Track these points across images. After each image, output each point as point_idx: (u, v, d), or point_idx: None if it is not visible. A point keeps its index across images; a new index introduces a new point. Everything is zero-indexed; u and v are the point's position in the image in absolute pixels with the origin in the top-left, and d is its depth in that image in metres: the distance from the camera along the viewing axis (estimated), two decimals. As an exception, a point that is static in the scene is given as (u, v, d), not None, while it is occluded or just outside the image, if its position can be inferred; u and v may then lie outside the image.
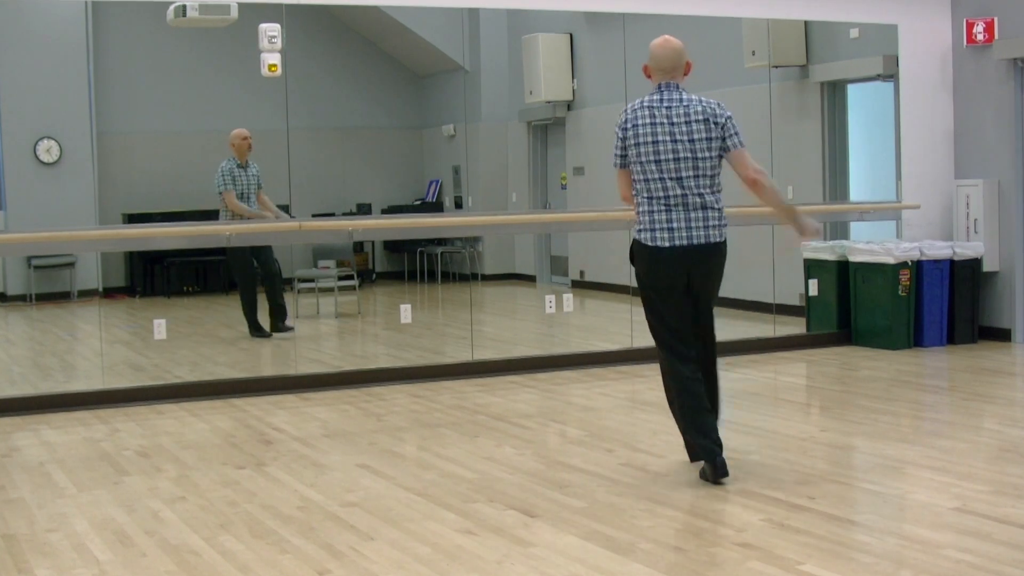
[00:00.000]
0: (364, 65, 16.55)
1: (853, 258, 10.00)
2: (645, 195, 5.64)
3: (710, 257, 5.66)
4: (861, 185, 11.27)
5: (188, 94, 15.13)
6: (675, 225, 5.58)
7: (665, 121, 5.59)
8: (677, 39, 5.77)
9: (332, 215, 14.52)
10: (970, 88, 10.11)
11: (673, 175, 5.57)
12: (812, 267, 10.39)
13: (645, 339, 5.82)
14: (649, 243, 5.63)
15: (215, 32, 11.55)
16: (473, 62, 15.59)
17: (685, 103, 5.61)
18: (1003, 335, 9.88)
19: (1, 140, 14.20)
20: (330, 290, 12.85)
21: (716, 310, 5.93)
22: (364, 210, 15.48)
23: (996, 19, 9.80)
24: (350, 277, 13.23)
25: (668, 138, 5.57)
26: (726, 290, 12.80)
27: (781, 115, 11.26)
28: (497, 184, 15.44)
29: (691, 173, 5.57)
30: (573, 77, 13.85)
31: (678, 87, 5.67)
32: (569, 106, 14.04)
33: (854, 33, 10.75)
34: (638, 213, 5.68)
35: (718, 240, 5.65)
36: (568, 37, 13.77)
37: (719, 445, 5.60)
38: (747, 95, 11.51)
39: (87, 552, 4.83)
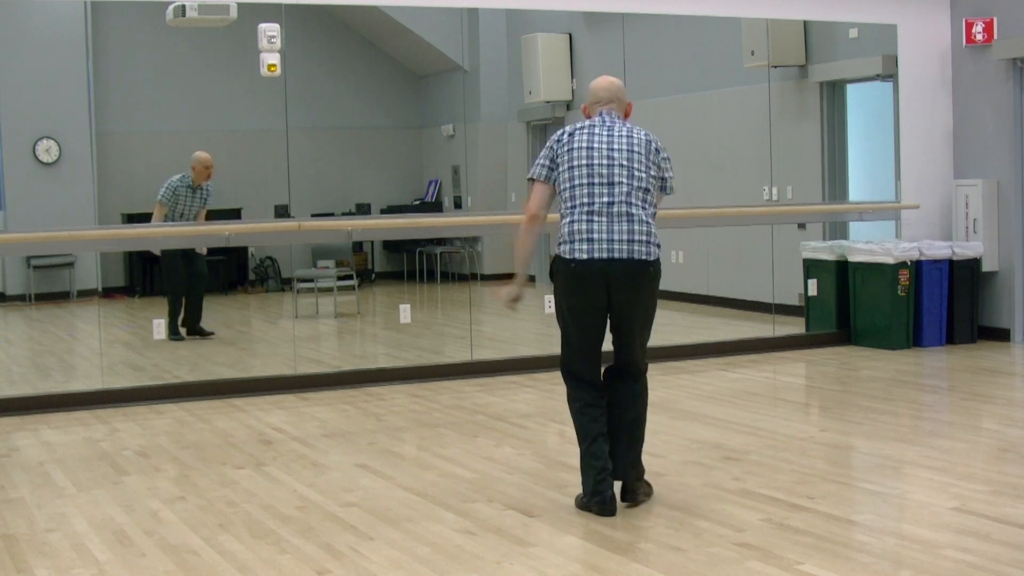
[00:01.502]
0: (363, 65, 16.55)
1: (852, 258, 10.00)
2: (569, 205, 5.16)
3: (635, 277, 5.10)
4: (860, 185, 11.27)
5: (187, 94, 15.14)
6: (595, 236, 5.07)
7: (604, 134, 5.20)
8: (617, 78, 5.44)
9: (331, 215, 14.53)
10: (969, 88, 10.11)
11: (605, 180, 5.11)
12: (811, 267, 10.40)
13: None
14: (566, 255, 5.13)
15: (214, 32, 11.54)
16: (472, 62, 15.59)
17: (628, 128, 5.25)
18: (1002, 335, 9.88)
19: (0, 140, 14.20)
20: (329, 290, 12.85)
21: (716, 310, 5.90)
22: (363, 210, 15.48)
23: (995, 19, 9.80)
24: (349, 277, 13.23)
25: (605, 146, 5.16)
26: (726, 290, 12.90)
27: (780, 115, 11.26)
28: (496, 184, 15.44)
29: (624, 180, 5.11)
30: (572, 77, 13.85)
31: (619, 117, 5.30)
32: (568, 106, 14.03)
33: (853, 33, 10.75)
34: (562, 225, 5.19)
35: (644, 258, 5.10)
36: (567, 37, 13.77)
37: (607, 470, 5.12)
38: (746, 95, 11.52)
39: (86, 552, 4.83)
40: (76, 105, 14.23)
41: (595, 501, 5.10)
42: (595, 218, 5.11)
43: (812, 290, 10.40)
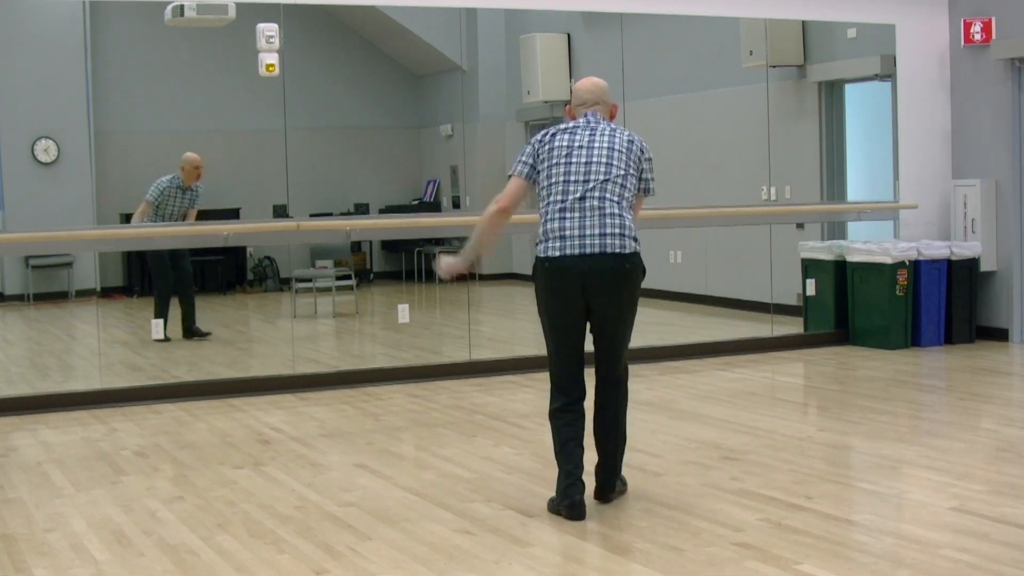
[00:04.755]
0: (362, 65, 16.55)
1: (851, 258, 10.00)
2: (544, 204, 5.12)
3: (610, 271, 4.99)
4: (859, 185, 11.28)
5: (186, 94, 15.13)
6: (567, 233, 5.01)
7: (587, 135, 5.16)
8: (601, 79, 5.40)
9: (330, 215, 14.53)
10: (968, 88, 10.12)
11: (582, 176, 5.04)
12: (810, 267, 10.40)
13: (643, 339, 5.80)
14: (541, 254, 5.07)
15: (213, 32, 11.53)
16: (471, 62, 15.59)
17: (612, 129, 5.19)
18: (1000, 335, 9.88)
19: (-1, 140, 14.22)
20: (328, 290, 12.85)
21: (715, 310, 5.89)
22: (362, 210, 15.48)
23: (994, 19, 9.81)
24: (348, 277, 13.23)
25: (585, 147, 5.11)
26: (724, 290, 12.90)
27: (779, 115, 11.26)
28: (495, 184, 15.26)
29: (601, 177, 5.04)
30: (571, 77, 13.85)
31: (603, 118, 5.26)
32: (567, 106, 14.03)
33: (852, 33, 10.76)
34: (542, 224, 5.14)
35: (619, 251, 4.98)
36: (566, 37, 13.77)
37: (576, 475, 5.06)
38: (745, 95, 11.52)
39: (85, 552, 4.83)
40: (75, 105, 14.23)
41: (564, 504, 5.07)
42: (567, 215, 5.04)
43: (810, 290, 10.41)
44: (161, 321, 10.42)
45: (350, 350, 11.32)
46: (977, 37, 9.90)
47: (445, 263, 5.45)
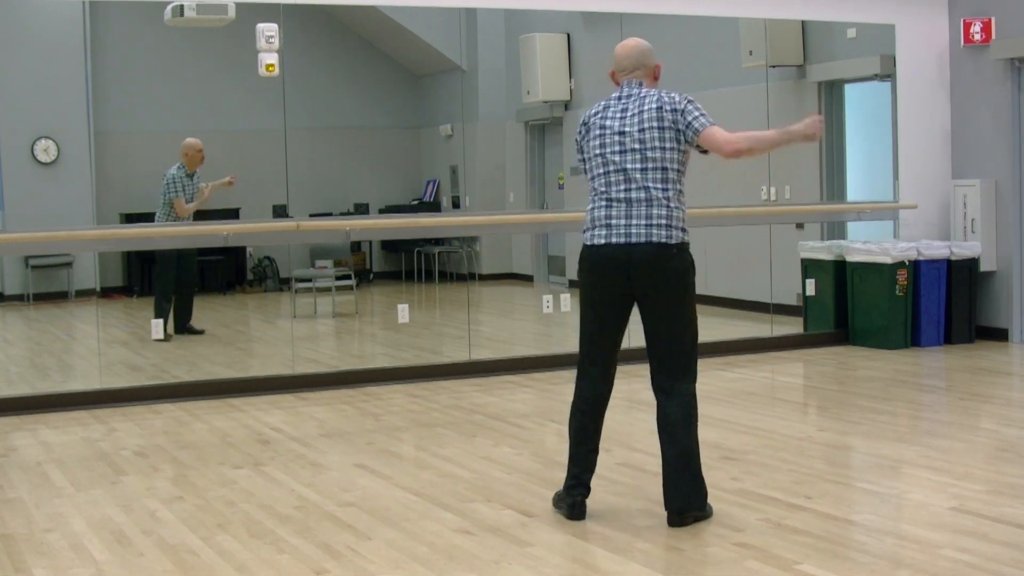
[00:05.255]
0: (362, 65, 16.56)
1: (850, 258, 10.00)
2: (592, 192, 5.11)
3: (655, 260, 4.91)
4: (858, 185, 11.28)
5: (186, 94, 15.13)
6: (614, 221, 4.96)
7: (617, 114, 5.06)
8: (644, 40, 5.28)
9: (329, 215, 14.54)
10: (967, 88, 10.12)
11: (620, 165, 4.99)
12: (809, 267, 10.40)
13: (641, 339, 5.77)
14: (587, 242, 5.04)
15: (213, 32, 11.54)
16: (471, 62, 15.59)
17: (642, 95, 5.07)
18: (1000, 335, 9.88)
19: (-1, 140, 14.22)
20: (327, 290, 12.85)
21: (714, 310, 5.89)
22: (361, 210, 15.49)
23: (993, 19, 9.81)
24: (347, 277, 13.24)
25: (618, 128, 5.02)
26: (724, 290, 12.88)
27: (778, 115, 11.25)
28: (494, 184, 15.44)
29: (638, 165, 4.96)
30: (570, 77, 13.86)
31: (640, 84, 5.13)
32: (566, 106, 14.04)
33: (851, 33, 10.76)
34: (590, 211, 5.12)
35: (665, 240, 4.92)
36: (565, 37, 13.77)
37: (579, 478, 5.10)
38: (744, 95, 11.52)
39: (85, 552, 4.83)
40: (74, 105, 14.23)
41: (566, 503, 5.12)
42: (613, 206, 4.99)
43: (810, 290, 10.41)
44: (161, 321, 10.43)
45: (350, 350, 11.32)
46: (977, 37, 9.90)
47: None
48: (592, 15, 12.96)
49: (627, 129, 5.02)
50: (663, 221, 4.92)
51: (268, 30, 8.72)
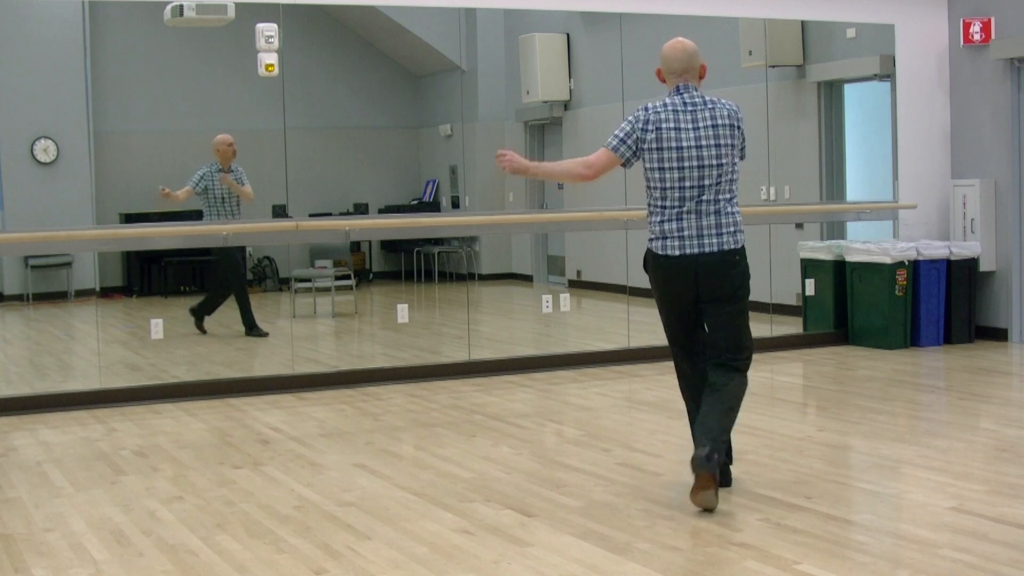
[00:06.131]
0: (361, 65, 16.56)
1: (850, 258, 10.01)
2: (660, 203, 5.37)
3: (721, 265, 5.43)
4: (858, 185, 11.28)
5: (185, 94, 15.14)
6: (686, 233, 5.34)
7: (690, 126, 5.32)
8: (690, 41, 5.54)
9: (329, 215, 14.54)
10: (967, 88, 10.12)
11: (697, 182, 5.30)
12: (809, 267, 10.40)
13: (642, 339, 5.82)
14: (660, 252, 5.39)
15: (212, 32, 11.55)
16: (470, 62, 15.59)
17: (710, 106, 5.37)
18: (999, 335, 9.88)
19: (-2, 140, 14.22)
20: (327, 290, 12.85)
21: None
22: (361, 210, 15.49)
23: (993, 19, 9.81)
24: (347, 277, 13.24)
25: (694, 143, 5.30)
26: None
27: (778, 115, 11.27)
28: (494, 184, 15.44)
29: (714, 180, 5.31)
30: (570, 77, 13.86)
31: (696, 89, 5.41)
32: (566, 106, 14.04)
33: (851, 33, 10.76)
34: (650, 221, 5.44)
35: (732, 247, 5.45)
36: (565, 37, 13.77)
37: (716, 440, 5.24)
38: (744, 95, 11.50)
39: (84, 552, 4.83)
40: (74, 105, 14.24)
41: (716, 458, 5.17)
42: (684, 219, 5.35)
43: (810, 290, 10.41)
44: (247, 316, 10.58)
45: (349, 350, 11.32)
46: (976, 37, 9.90)
47: (509, 159, 5.58)
48: (592, 15, 12.96)
49: (704, 143, 5.31)
50: (730, 229, 5.42)
51: (267, 30, 8.72)
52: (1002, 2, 9.76)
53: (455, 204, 15.82)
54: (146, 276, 14.58)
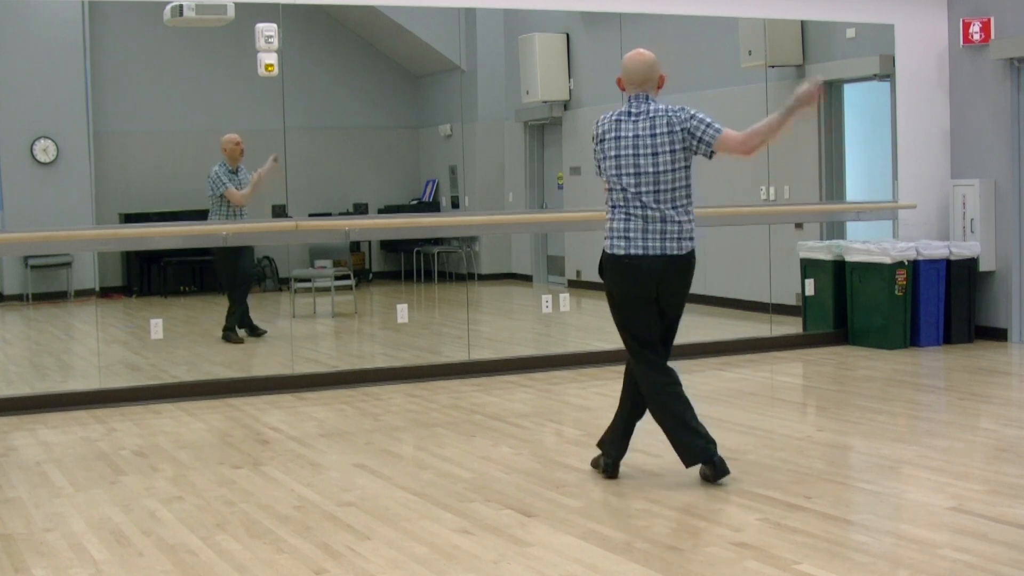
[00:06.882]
0: (361, 65, 16.56)
1: (849, 258, 10.01)
2: (617, 204, 5.60)
3: (680, 269, 5.61)
4: (857, 185, 11.28)
5: (185, 94, 15.14)
6: (631, 235, 5.53)
7: (629, 135, 5.55)
8: (650, 52, 5.70)
9: (329, 215, 14.53)
10: (966, 88, 10.12)
11: (633, 189, 5.52)
12: (808, 267, 10.40)
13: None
14: (608, 250, 5.59)
15: (212, 32, 11.54)
16: (470, 62, 15.59)
17: (651, 114, 5.56)
18: (999, 335, 9.89)
19: (-2, 140, 14.22)
20: (327, 290, 12.85)
21: (714, 310, 5.96)
22: (361, 210, 15.49)
23: (992, 19, 9.81)
24: (347, 277, 13.24)
25: (631, 152, 5.54)
26: (723, 290, 12.88)
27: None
28: (494, 184, 15.45)
29: (650, 189, 5.51)
30: (570, 77, 13.86)
31: (648, 98, 5.61)
32: (566, 106, 14.04)
33: (850, 33, 10.76)
34: (609, 221, 5.62)
35: (676, 253, 5.57)
36: (564, 37, 13.77)
37: (713, 443, 5.59)
38: (743, 95, 11.52)
39: (84, 552, 4.83)
40: (74, 105, 14.24)
41: (714, 462, 5.52)
42: (631, 219, 5.54)
43: (809, 290, 10.41)
44: (231, 320, 10.58)
45: (349, 350, 11.32)
46: (976, 37, 9.90)
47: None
48: (591, 15, 12.96)
49: (641, 146, 5.53)
50: (675, 235, 5.56)
51: (267, 30, 8.72)
52: (1002, 2, 9.76)
53: (455, 204, 15.82)
54: (146, 276, 14.57)
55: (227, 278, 10.91)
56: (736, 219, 10.42)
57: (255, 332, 10.89)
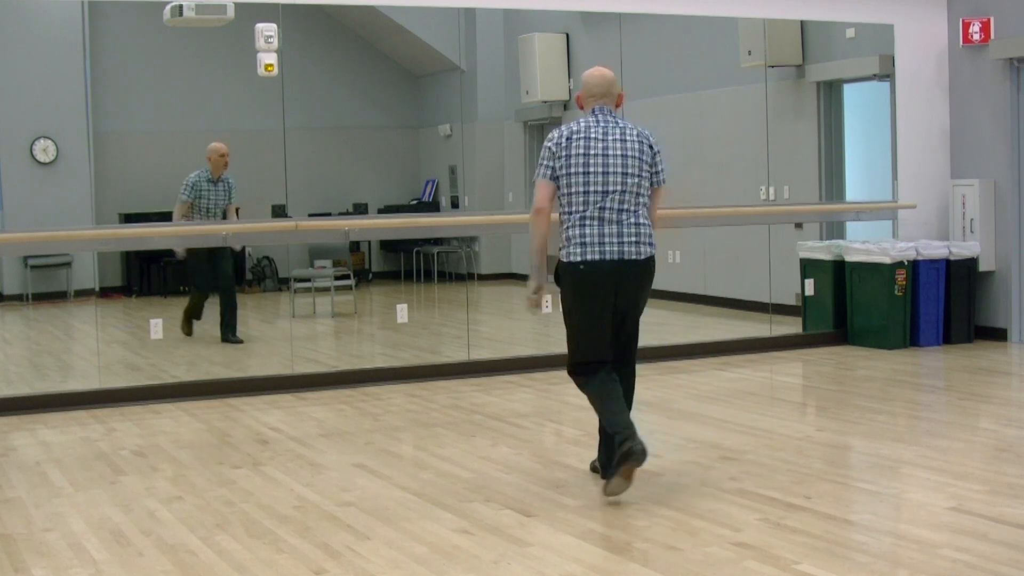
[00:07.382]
0: (360, 65, 16.55)
1: (849, 258, 10.01)
2: (568, 211, 5.48)
3: (638, 274, 5.48)
4: (857, 185, 11.28)
5: (185, 94, 15.12)
6: (587, 240, 5.42)
7: (600, 137, 5.46)
8: (610, 70, 5.67)
9: (328, 215, 14.52)
10: (966, 88, 10.12)
11: (600, 188, 5.41)
12: (808, 267, 10.40)
13: (641, 339, 5.80)
14: (565, 259, 5.48)
15: (211, 32, 11.53)
16: (469, 62, 15.59)
17: (621, 125, 5.51)
18: (999, 335, 9.89)
19: (-3, 140, 14.22)
20: (326, 290, 12.84)
21: (713, 310, 5.95)
22: (360, 210, 15.47)
23: (992, 19, 9.81)
24: (346, 277, 13.23)
25: (600, 151, 5.43)
26: (722, 290, 12.89)
27: (777, 115, 11.27)
28: (493, 184, 15.44)
29: (617, 188, 5.42)
30: (569, 77, 13.85)
31: (611, 112, 5.56)
32: (565, 106, 14.04)
33: (850, 33, 10.76)
34: (565, 231, 5.48)
35: (635, 258, 5.45)
36: (564, 37, 13.77)
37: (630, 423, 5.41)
38: (743, 95, 11.53)
39: (84, 552, 4.83)
40: (73, 105, 14.22)
41: (635, 449, 5.20)
42: (587, 223, 5.43)
43: (809, 290, 10.41)
44: (188, 316, 10.50)
45: (349, 350, 11.32)
46: (976, 37, 9.90)
47: (531, 301, 5.72)
48: (591, 15, 12.95)
49: (611, 153, 5.45)
50: (634, 239, 5.45)
51: (267, 30, 8.72)
52: (1002, 2, 9.76)
53: (454, 204, 15.81)
54: (145, 276, 14.56)
55: (199, 278, 10.78)
56: (736, 219, 10.43)
57: (230, 338, 10.75)
